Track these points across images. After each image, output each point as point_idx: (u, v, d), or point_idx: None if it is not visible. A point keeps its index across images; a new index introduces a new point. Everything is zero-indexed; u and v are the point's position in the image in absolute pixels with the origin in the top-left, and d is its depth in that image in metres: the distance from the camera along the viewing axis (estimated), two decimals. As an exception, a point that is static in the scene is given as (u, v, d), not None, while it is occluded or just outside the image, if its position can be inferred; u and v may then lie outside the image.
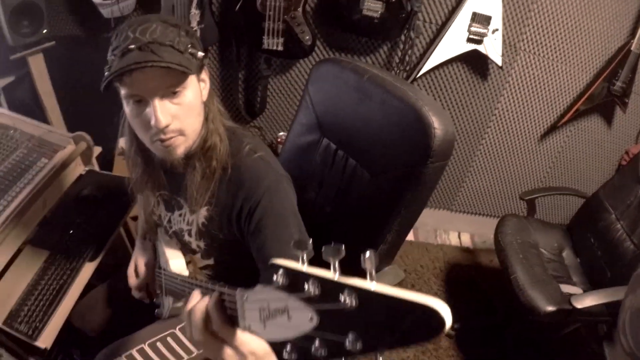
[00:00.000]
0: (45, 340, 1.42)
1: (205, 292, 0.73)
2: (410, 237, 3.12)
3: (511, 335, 2.52)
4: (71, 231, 1.72)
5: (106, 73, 1.00)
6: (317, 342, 0.45)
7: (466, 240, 3.32)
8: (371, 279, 0.42)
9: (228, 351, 0.65)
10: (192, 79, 1.04)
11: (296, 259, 0.51)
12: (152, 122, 0.99)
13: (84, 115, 2.49)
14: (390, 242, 1.34)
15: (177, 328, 1.42)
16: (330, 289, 0.44)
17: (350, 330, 0.42)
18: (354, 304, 0.42)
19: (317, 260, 0.50)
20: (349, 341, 0.42)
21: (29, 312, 1.47)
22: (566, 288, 2.18)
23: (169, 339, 1.41)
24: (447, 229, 3.33)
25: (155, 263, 1.50)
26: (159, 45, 0.95)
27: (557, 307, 1.98)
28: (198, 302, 0.70)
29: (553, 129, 2.86)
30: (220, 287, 0.69)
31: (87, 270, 1.63)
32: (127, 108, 1.05)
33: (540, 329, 2.40)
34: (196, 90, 1.06)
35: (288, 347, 0.49)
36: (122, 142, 2.58)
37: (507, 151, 2.95)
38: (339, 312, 0.43)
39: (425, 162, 1.19)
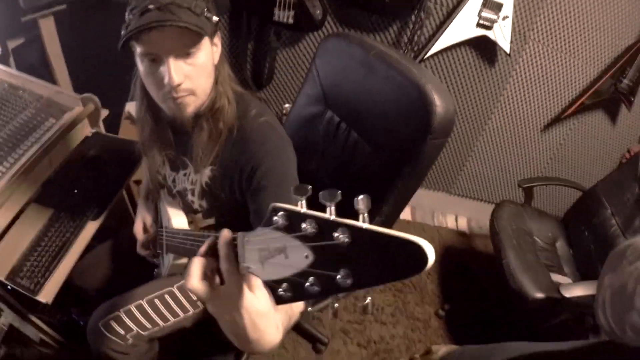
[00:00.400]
0: (46, 295, 1.44)
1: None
2: (407, 216, 3.17)
3: (500, 320, 2.56)
4: (75, 190, 1.75)
5: (123, 32, 1.03)
6: (311, 279, 0.49)
7: (463, 224, 3.35)
8: (363, 220, 0.46)
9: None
10: (205, 41, 1.07)
11: (272, 216, 0.55)
12: (166, 80, 1.03)
13: (92, 79, 2.48)
14: (386, 214, 1.37)
15: (175, 286, 1.46)
16: (325, 227, 0.48)
17: (342, 266, 0.46)
18: (346, 240, 0.45)
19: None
20: (340, 276, 0.45)
21: (31, 267, 1.49)
22: (556, 277, 2.21)
23: (166, 296, 1.44)
24: (445, 211, 3.36)
25: (156, 223, 1.53)
26: (177, 6, 0.98)
27: (546, 294, 2.01)
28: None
29: (557, 120, 2.86)
30: (216, 234, 0.70)
31: (90, 229, 1.65)
32: (142, 66, 1.07)
33: (528, 317, 2.43)
34: (209, 52, 1.09)
35: (284, 285, 0.53)
36: (128, 107, 2.62)
37: (510, 138, 2.95)
38: (332, 248, 0.46)
39: (424, 138, 1.22)
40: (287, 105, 2.78)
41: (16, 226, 1.59)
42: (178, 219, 1.33)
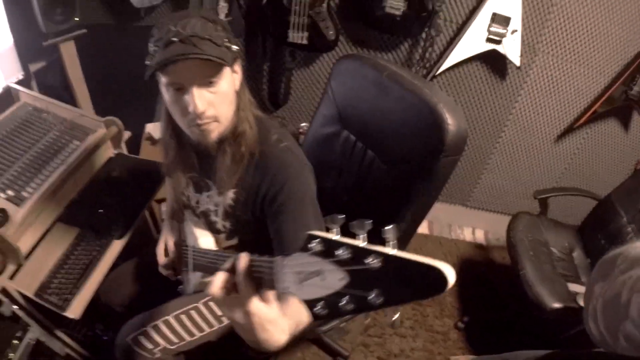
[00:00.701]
0: (74, 311, 1.47)
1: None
2: (425, 230, 3.17)
3: (519, 331, 2.56)
4: (100, 210, 1.78)
5: (147, 62, 1.10)
6: (346, 298, 0.55)
7: (480, 237, 3.34)
8: (392, 246, 0.52)
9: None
10: (227, 70, 1.12)
11: (308, 243, 0.62)
12: (190, 108, 1.08)
13: (112, 101, 2.54)
14: (404, 230, 1.41)
15: (201, 302, 1.51)
16: (358, 253, 0.54)
17: (374, 287, 0.52)
18: (378, 265, 0.51)
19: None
20: (372, 296, 0.52)
21: (59, 284, 1.52)
22: (574, 287, 2.20)
23: (192, 311, 1.49)
24: (462, 224, 3.37)
25: (181, 242, 1.57)
26: (199, 38, 1.03)
27: (564, 304, 2.01)
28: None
29: (570, 130, 2.86)
30: (252, 255, 0.81)
31: (116, 247, 1.69)
32: (167, 95, 1.13)
33: (547, 327, 2.43)
34: (230, 80, 1.15)
35: (321, 303, 0.59)
36: (148, 128, 2.69)
37: (524, 150, 2.96)
38: (365, 272, 0.53)
39: (438, 155, 1.27)
40: (303, 124, 2.81)
41: (43, 244, 1.63)
42: (205, 239, 1.38)
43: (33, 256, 1.59)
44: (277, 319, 0.82)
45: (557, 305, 2.02)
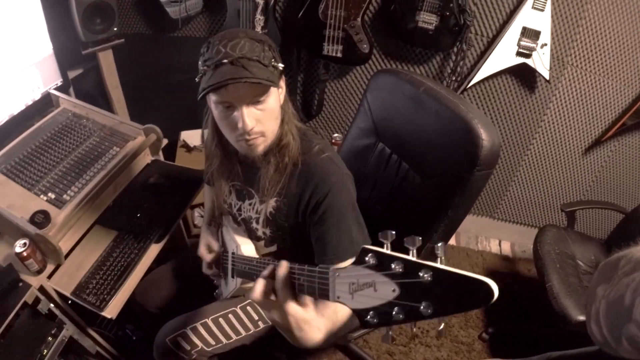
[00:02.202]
0: (111, 311, 1.53)
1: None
2: (452, 241, 3.18)
3: (544, 343, 2.55)
4: (138, 214, 1.84)
5: (197, 80, 1.16)
6: (396, 308, 0.60)
7: (506, 249, 3.33)
8: (441, 262, 0.57)
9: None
10: (273, 88, 1.16)
11: (353, 249, 0.68)
12: (240, 125, 1.14)
13: (146, 108, 2.62)
14: (435, 242, 1.44)
15: (238, 307, 1.56)
16: (411, 267, 0.59)
17: (424, 299, 0.57)
18: (429, 279, 0.56)
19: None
20: (423, 307, 0.57)
21: (97, 285, 1.58)
22: (600, 300, 2.20)
23: (230, 315, 1.55)
24: (489, 236, 3.36)
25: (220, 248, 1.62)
26: (247, 60, 1.08)
27: (589, 317, 2.01)
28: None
29: (598, 143, 2.85)
30: (293, 264, 0.88)
31: (153, 250, 1.75)
32: (216, 111, 1.18)
33: (573, 340, 2.42)
34: (276, 97, 1.20)
35: (371, 313, 0.64)
36: (184, 135, 2.76)
37: (552, 163, 2.96)
38: (416, 285, 0.58)
39: (472, 169, 1.30)
40: (336, 134, 2.88)
41: (81, 246, 1.70)
42: (247, 247, 1.43)
43: (71, 257, 1.65)
44: (312, 319, 0.90)
45: (582, 317, 2.01)
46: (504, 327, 2.65)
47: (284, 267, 0.87)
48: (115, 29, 2.28)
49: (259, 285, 0.91)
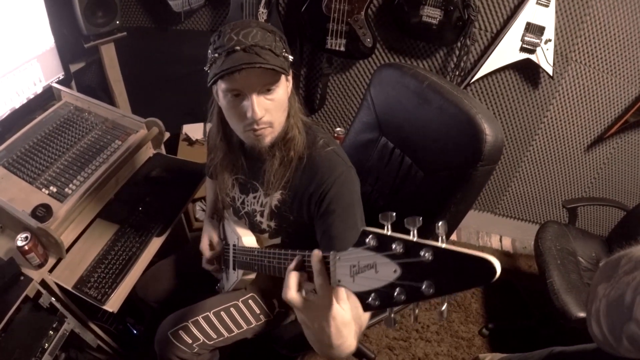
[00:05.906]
0: (112, 304, 1.53)
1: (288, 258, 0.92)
2: (453, 237, 3.17)
3: (544, 340, 2.55)
4: (140, 208, 1.84)
5: (207, 69, 1.15)
6: (398, 289, 0.59)
7: (507, 245, 3.34)
8: (442, 240, 0.56)
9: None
10: (283, 78, 1.17)
11: (363, 238, 0.66)
12: (249, 114, 1.13)
13: (147, 102, 2.63)
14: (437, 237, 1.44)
15: (240, 300, 1.56)
16: (411, 247, 0.58)
17: (426, 278, 0.56)
18: (430, 258, 0.55)
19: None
20: (424, 286, 0.55)
21: (99, 278, 1.58)
22: (600, 297, 2.20)
23: (232, 309, 1.55)
24: (490, 231, 3.37)
25: (221, 241, 1.63)
26: (260, 48, 1.07)
27: (589, 313, 2.01)
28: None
29: (600, 139, 2.85)
30: (301, 252, 0.87)
31: (155, 244, 1.74)
32: (224, 100, 1.17)
33: (573, 337, 2.42)
34: (285, 88, 1.19)
35: (372, 295, 0.63)
36: (186, 129, 2.75)
37: (554, 159, 2.96)
38: (417, 264, 0.57)
39: (475, 164, 1.30)
40: (338, 128, 2.87)
41: (82, 240, 1.69)
42: (248, 238, 1.42)
43: (72, 251, 1.65)
44: (351, 322, 0.86)
45: (582, 314, 2.02)
46: (504, 323, 2.66)
47: (318, 254, 0.80)
48: (117, 22, 2.27)
49: (293, 281, 0.83)
